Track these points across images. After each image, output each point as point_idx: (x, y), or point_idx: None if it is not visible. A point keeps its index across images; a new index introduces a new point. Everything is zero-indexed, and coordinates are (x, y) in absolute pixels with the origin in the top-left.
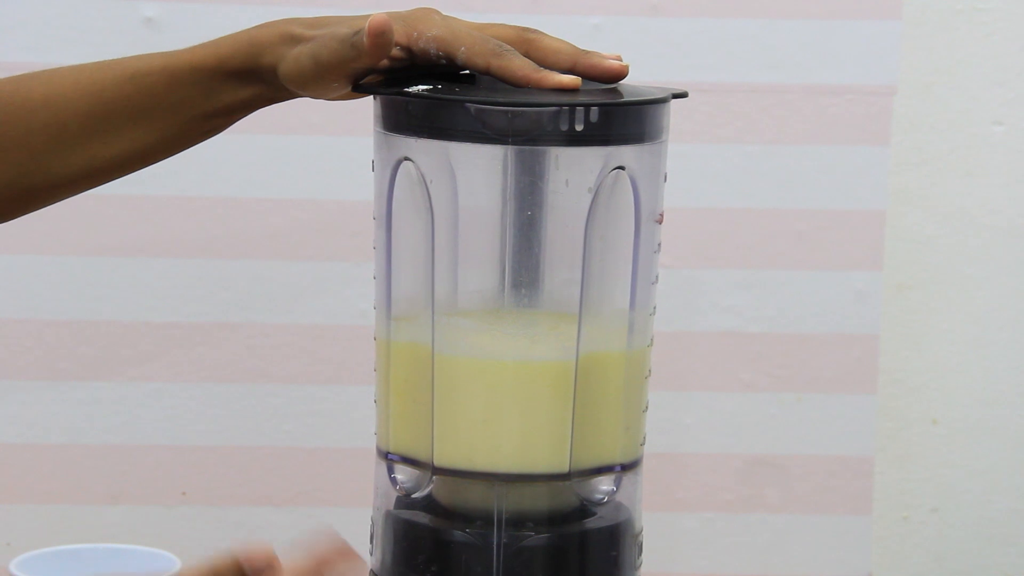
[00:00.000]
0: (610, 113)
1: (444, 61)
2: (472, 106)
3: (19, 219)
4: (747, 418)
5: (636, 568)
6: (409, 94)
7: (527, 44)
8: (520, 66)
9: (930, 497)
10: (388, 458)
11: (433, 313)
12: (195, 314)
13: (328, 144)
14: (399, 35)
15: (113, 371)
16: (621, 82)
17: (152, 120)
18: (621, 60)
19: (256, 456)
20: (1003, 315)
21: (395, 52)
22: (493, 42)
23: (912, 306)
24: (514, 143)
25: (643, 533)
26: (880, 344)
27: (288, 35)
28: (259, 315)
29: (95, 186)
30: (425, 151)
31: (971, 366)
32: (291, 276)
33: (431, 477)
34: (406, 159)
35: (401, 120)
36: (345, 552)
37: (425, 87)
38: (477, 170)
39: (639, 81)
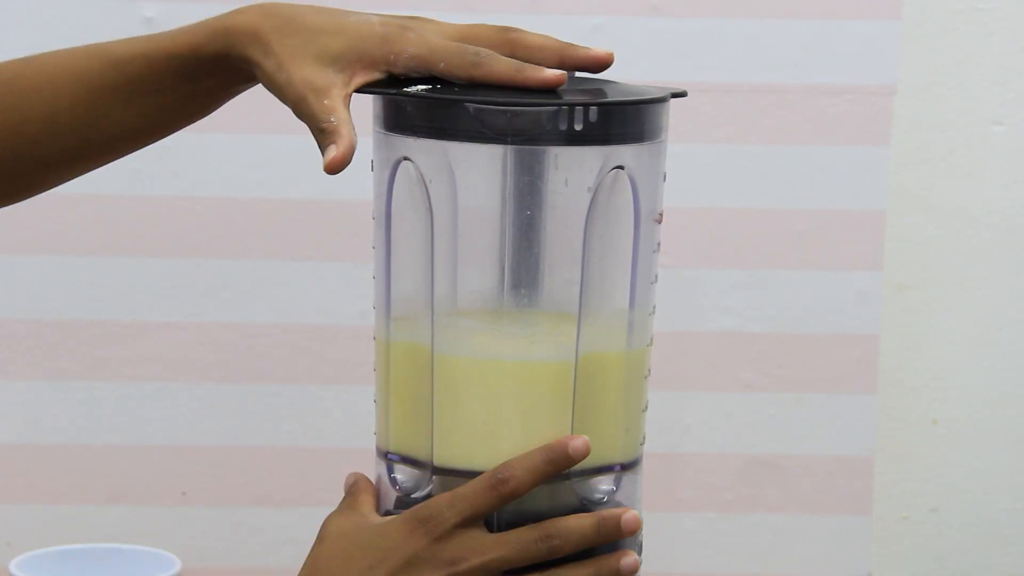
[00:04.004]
0: (609, 112)
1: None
2: (471, 106)
3: (19, 219)
4: (747, 418)
5: None
6: (408, 94)
7: (511, 44)
8: (502, 69)
9: (930, 497)
10: (388, 458)
11: (433, 313)
12: (195, 314)
13: None
14: (377, 60)
15: (113, 371)
16: (620, 82)
17: (137, 104)
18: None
19: (256, 456)
20: (1003, 315)
21: (375, 76)
22: (471, 51)
23: (912, 306)
24: (513, 143)
25: (643, 533)
26: (880, 344)
27: (258, 37)
28: (259, 315)
29: (92, 167)
30: (424, 151)
31: (971, 366)
32: (291, 276)
33: (431, 477)
34: (405, 159)
35: (400, 120)
36: None
37: (424, 87)
38: (476, 170)
39: (639, 81)
